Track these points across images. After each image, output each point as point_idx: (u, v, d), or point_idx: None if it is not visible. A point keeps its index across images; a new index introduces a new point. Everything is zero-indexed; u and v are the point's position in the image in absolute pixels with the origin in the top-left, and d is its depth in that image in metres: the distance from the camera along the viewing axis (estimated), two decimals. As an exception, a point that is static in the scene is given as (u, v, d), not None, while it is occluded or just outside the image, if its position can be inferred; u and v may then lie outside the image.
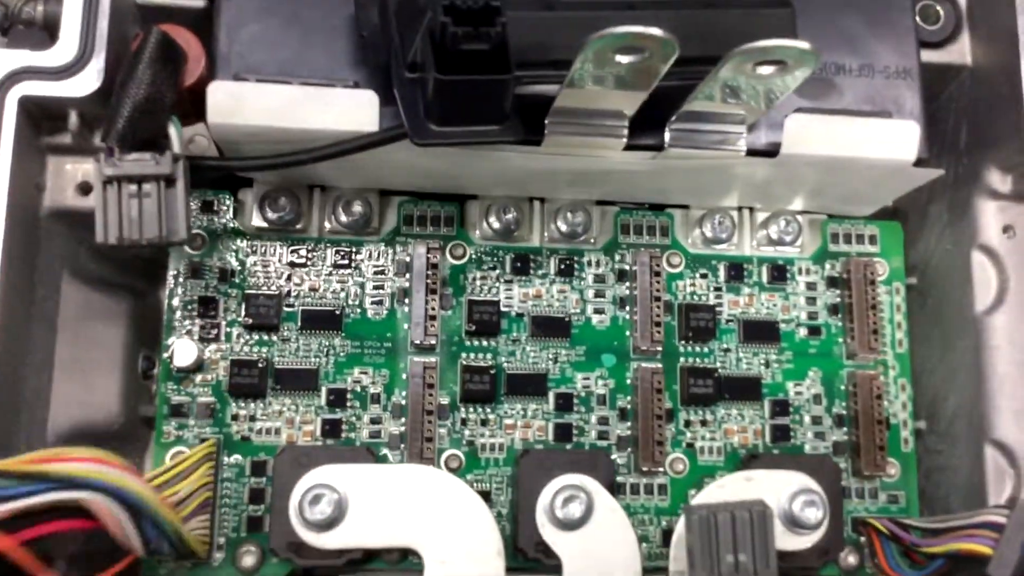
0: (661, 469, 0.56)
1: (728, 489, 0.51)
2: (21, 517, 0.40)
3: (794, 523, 0.50)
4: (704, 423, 0.57)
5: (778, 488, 0.51)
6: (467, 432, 0.55)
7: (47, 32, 0.50)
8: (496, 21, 0.41)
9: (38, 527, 0.40)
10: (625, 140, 0.49)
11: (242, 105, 0.47)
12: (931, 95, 0.58)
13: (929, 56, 0.57)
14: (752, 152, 0.51)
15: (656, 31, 0.40)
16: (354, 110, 0.47)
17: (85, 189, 0.50)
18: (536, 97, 0.46)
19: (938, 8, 0.58)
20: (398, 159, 0.50)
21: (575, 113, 0.47)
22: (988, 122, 0.57)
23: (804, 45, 0.41)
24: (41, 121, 0.49)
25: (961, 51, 0.58)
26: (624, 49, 0.41)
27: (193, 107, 0.49)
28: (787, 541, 0.50)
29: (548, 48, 0.44)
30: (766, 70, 0.43)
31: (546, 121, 0.47)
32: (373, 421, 0.55)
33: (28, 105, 0.47)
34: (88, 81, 0.47)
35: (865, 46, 0.53)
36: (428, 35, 0.42)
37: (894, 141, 0.51)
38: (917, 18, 0.56)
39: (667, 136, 0.49)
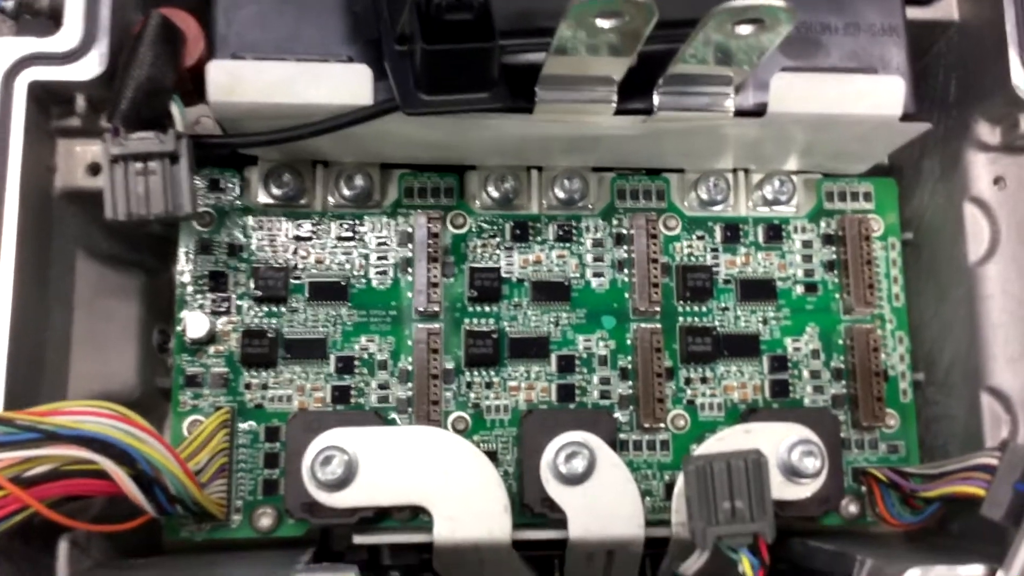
0: (662, 425, 0.56)
1: (727, 442, 0.51)
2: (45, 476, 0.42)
3: (793, 473, 0.51)
4: (704, 380, 0.58)
5: (776, 439, 0.51)
6: (472, 395, 0.56)
7: (52, 20, 0.52)
8: (479, -10, 0.42)
9: (59, 484, 0.41)
10: (615, 105, 0.49)
11: (241, 83, 0.48)
12: (920, 51, 0.59)
13: (917, 13, 0.57)
14: (740, 112, 0.51)
15: (634, -6, 0.40)
16: (348, 84, 0.48)
17: (95, 170, 0.51)
18: (525, 65, 0.47)
19: (925, -35, 0.58)
20: (396, 131, 0.51)
21: (564, 80, 0.48)
22: (976, 76, 0.57)
23: (778, 3, 0.42)
24: (50, 105, 0.50)
25: (948, 7, 0.59)
26: (605, 13, 0.42)
27: (195, 87, 0.50)
28: (787, 491, 0.51)
29: (531, 16, 0.45)
30: (745, 29, 0.44)
31: (536, 88, 0.48)
32: (381, 387, 0.56)
33: (37, 90, 0.48)
34: (93, 65, 0.48)
35: (851, 5, 0.53)
36: (414, 7, 0.43)
37: (880, 96, 0.52)
38: (904, -25, 0.57)
39: (655, 100, 0.50)
